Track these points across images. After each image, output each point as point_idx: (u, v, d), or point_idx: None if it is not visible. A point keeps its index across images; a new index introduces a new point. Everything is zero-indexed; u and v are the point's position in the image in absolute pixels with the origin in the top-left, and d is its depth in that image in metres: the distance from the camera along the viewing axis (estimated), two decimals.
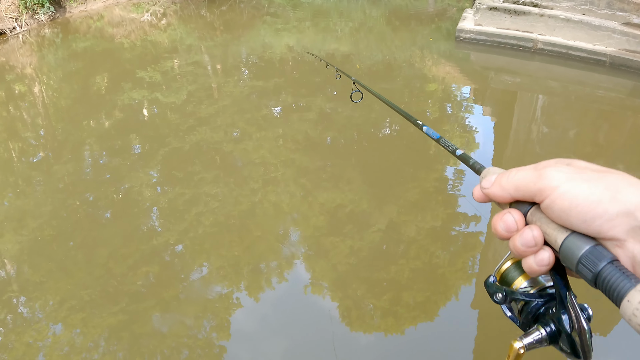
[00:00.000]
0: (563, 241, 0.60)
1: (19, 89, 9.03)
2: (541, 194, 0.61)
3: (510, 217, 0.65)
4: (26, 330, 3.91)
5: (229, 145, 6.18)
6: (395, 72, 8.26)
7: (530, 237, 0.62)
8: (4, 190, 5.85)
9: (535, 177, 0.62)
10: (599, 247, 0.57)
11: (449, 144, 1.01)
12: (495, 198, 0.69)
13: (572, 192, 0.58)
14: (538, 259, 0.63)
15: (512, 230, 0.65)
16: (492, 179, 0.69)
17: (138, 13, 12.72)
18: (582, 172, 0.60)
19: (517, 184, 0.65)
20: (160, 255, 4.54)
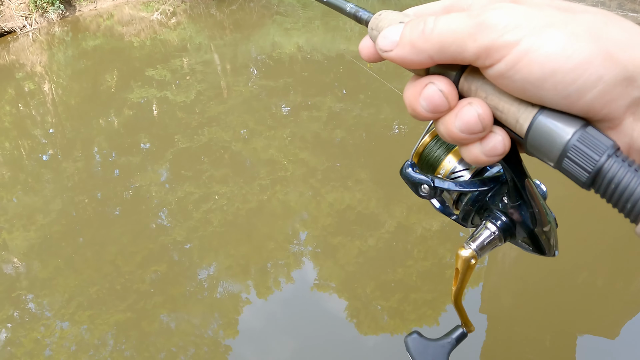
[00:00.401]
0: (532, 122, 0.39)
1: (29, 87, 9.06)
2: (488, 56, 0.39)
3: (435, 89, 0.43)
4: (34, 327, 3.93)
5: (238, 144, 6.18)
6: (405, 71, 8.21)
7: (474, 117, 0.41)
8: (14, 187, 5.88)
9: (473, 28, 0.39)
10: (590, 128, 0.38)
11: None
12: (404, 64, 0.44)
13: (542, 51, 0.37)
14: (488, 147, 0.42)
15: (442, 109, 0.43)
16: (394, 36, 0.44)
17: (148, 12, 12.74)
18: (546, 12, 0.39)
19: (441, 40, 0.41)
20: (169, 254, 4.54)
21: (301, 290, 4.16)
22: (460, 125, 0.42)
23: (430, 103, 0.43)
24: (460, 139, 0.43)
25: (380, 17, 0.49)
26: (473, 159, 0.43)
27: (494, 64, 0.38)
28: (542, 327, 3.47)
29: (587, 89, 0.36)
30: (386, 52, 0.45)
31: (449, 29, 0.40)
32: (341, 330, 3.74)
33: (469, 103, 0.42)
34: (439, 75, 0.44)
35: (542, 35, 0.37)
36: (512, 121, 0.41)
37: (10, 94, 8.85)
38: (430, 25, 0.41)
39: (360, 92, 7.57)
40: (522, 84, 0.38)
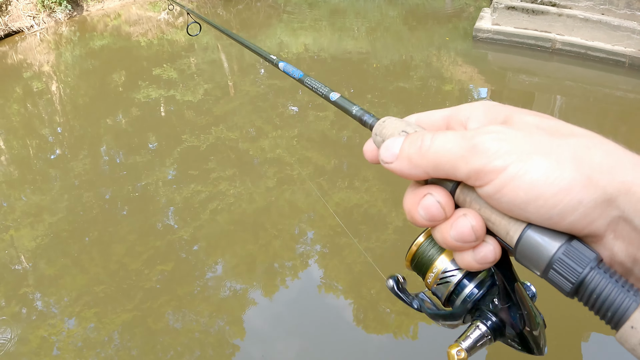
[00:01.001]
0: (520, 236, 0.43)
1: (37, 87, 9.09)
2: (478, 178, 0.42)
3: (433, 201, 0.46)
4: (41, 325, 3.94)
5: (245, 144, 6.18)
6: (412, 71, 8.23)
7: (467, 229, 0.45)
8: (22, 186, 5.90)
9: (466, 151, 0.43)
10: (575, 242, 0.41)
11: (317, 85, 0.72)
12: (404, 176, 0.48)
13: (527, 177, 0.40)
14: (480, 255, 0.46)
15: (438, 219, 0.46)
16: (395, 149, 0.48)
17: (155, 11, 12.77)
18: (534, 138, 0.42)
19: (436, 159, 0.45)
20: (176, 253, 4.55)
21: (307, 289, 4.15)
22: (455, 235, 0.45)
23: (428, 213, 0.47)
24: (454, 247, 0.46)
25: (384, 124, 0.53)
26: (465, 265, 0.47)
27: (484, 186, 0.42)
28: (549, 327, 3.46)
29: (569, 212, 0.40)
30: (387, 164, 0.49)
31: (444, 149, 0.44)
32: (347, 330, 3.73)
33: (463, 214, 0.45)
34: (437, 185, 0.47)
35: (528, 162, 0.40)
36: (502, 233, 0.44)
37: (18, 93, 8.87)
38: (427, 143, 0.45)
39: (367, 91, 7.56)
40: (508, 205, 0.42)
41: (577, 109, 6.95)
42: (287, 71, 0.84)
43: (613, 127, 6.51)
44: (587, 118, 6.67)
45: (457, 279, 0.56)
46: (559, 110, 6.81)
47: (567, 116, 6.65)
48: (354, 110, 0.61)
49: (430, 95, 7.41)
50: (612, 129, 6.42)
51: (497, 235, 0.45)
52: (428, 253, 0.58)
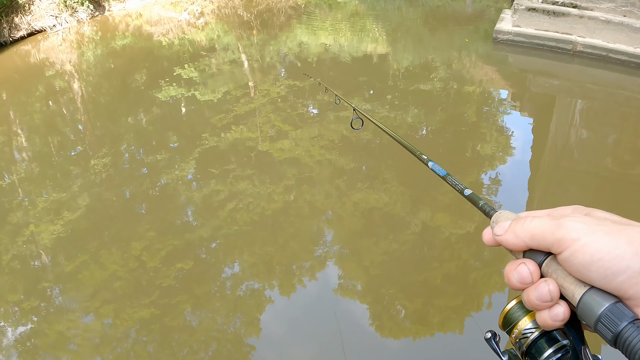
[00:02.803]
0: (581, 297, 0.57)
1: (59, 85, 9.16)
2: (559, 245, 0.58)
3: (525, 268, 0.62)
4: (59, 319, 3.96)
5: (264, 144, 6.19)
6: (432, 73, 8.19)
7: (546, 291, 0.60)
8: (43, 182, 5.94)
9: (553, 226, 0.60)
10: (619, 304, 0.55)
11: (456, 182, 0.91)
12: (508, 246, 0.66)
13: (593, 246, 0.55)
14: (553, 314, 0.60)
15: (527, 282, 0.62)
16: (505, 225, 0.67)
17: (176, 12, 12.83)
18: (603, 223, 0.58)
19: (533, 232, 0.62)
20: (194, 251, 4.55)
21: (324, 290, 4.13)
22: (536, 295, 0.60)
23: (520, 277, 0.63)
24: (535, 305, 0.61)
25: (501, 214, 0.71)
26: (542, 321, 0.62)
27: (562, 252, 0.58)
28: None
29: (619, 274, 0.54)
30: (498, 236, 0.67)
31: (539, 225, 0.62)
32: (363, 332, 3.71)
33: (544, 281, 0.61)
34: (530, 259, 0.63)
35: (594, 236, 0.56)
36: (570, 295, 0.59)
37: (40, 91, 8.95)
38: (528, 222, 0.63)
39: (387, 92, 7.54)
40: (577, 267, 0.57)
41: (598, 112, 6.88)
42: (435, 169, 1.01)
43: (634, 130, 6.44)
44: (608, 121, 6.60)
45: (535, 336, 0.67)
46: (580, 114, 6.73)
47: (588, 119, 6.58)
48: (480, 204, 0.79)
49: (451, 97, 7.37)
50: (634, 133, 6.34)
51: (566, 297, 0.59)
52: (515, 314, 0.70)
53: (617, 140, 6.17)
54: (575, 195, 5.04)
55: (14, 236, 4.93)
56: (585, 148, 5.96)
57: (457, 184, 0.90)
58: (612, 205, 4.81)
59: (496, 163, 5.67)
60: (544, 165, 5.66)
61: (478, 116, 6.84)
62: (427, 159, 1.06)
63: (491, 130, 6.46)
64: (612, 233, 0.56)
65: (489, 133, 6.37)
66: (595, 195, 5.03)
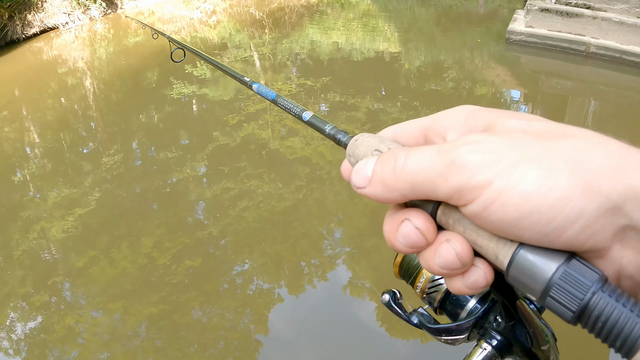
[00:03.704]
0: (511, 260, 0.37)
1: (71, 82, 9.20)
2: (460, 197, 0.37)
3: (411, 227, 0.41)
4: (68, 314, 3.97)
5: (275, 142, 6.18)
6: (444, 73, 8.15)
7: (451, 256, 0.39)
8: (54, 178, 5.97)
9: (443, 167, 0.37)
10: (574, 262, 0.35)
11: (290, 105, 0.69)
12: (379, 201, 0.42)
13: (516, 190, 0.34)
14: (470, 281, 0.40)
15: (419, 245, 0.41)
16: (367, 170, 0.43)
17: (188, 10, 12.86)
18: (521, 144, 0.36)
19: (412, 180, 0.39)
20: (204, 248, 4.55)
21: (334, 290, 4.12)
22: (440, 263, 0.40)
23: (407, 240, 0.41)
24: (441, 274, 0.41)
25: (357, 142, 0.48)
26: (456, 291, 0.41)
27: (467, 205, 0.37)
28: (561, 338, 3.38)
29: (568, 226, 0.34)
30: (359, 189, 0.43)
31: (419, 167, 0.39)
32: (372, 333, 3.69)
33: (447, 240, 0.40)
34: (416, 209, 0.42)
35: (516, 172, 0.35)
36: (492, 256, 0.38)
37: (52, 88, 8.99)
38: (400, 162, 0.40)
39: (399, 92, 7.51)
40: (497, 224, 0.36)
41: (611, 114, 6.82)
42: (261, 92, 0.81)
43: None
44: (621, 123, 6.54)
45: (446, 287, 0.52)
46: (593, 115, 6.69)
47: (600, 121, 6.53)
48: (327, 129, 0.58)
49: (463, 97, 7.32)
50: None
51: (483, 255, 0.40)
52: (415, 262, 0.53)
53: (631, 142, 6.06)
54: None
55: (25, 232, 4.94)
56: None
57: (293, 107, 0.69)
58: None
59: None
60: None
61: None
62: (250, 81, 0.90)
63: None
64: (542, 159, 0.35)
65: None
66: None
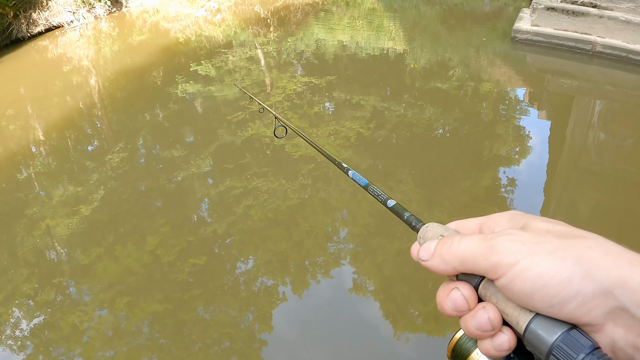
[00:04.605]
0: (527, 325, 0.50)
1: (76, 80, 9.21)
2: (495, 272, 0.51)
3: (459, 294, 0.55)
4: (73, 312, 3.98)
5: (280, 140, 6.18)
6: (449, 71, 8.14)
7: (485, 320, 0.53)
8: (59, 176, 5.98)
9: (485, 250, 0.52)
10: (574, 331, 0.47)
11: (378, 192, 0.84)
12: (437, 272, 0.58)
13: (533, 271, 0.48)
14: (496, 344, 0.53)
15: (463, 310, 0.55)
16: (431, 249, 0.58)
17: (193, 8, 12.87)
18: (543, 239, 0.51)
19: (462, 257, 0.55)
20: (209, 246, 4.56)
21: (338, 288, 4.12)
22: (475, 325, 0.53)
23: (454, 304, 0.56)
24: (475, 335, 0.54)
25: (427, 228, 0.64)
26: (486, 352, 0.54)
27: (499, 278, 0.51)
28: None
29: (568, 301, 0.47)
30: (423, 262, 0.59)
31: (468, 248, 0.54)
32: (375, 331, 3.69)
33: (483, 307, 0.53)
34: (464, 282, 0.56)
35: (535, 258, 0.49)
36: (514, 323, 0.52)
37: (58, 86, 9.01)
38: (455, 244, 0.56)
39: (404, 91, 7.51)
40: (518, 295, 0.50)
41: (617, 114, 6.80)
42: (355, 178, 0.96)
43: None
44: (627, 123, 6.52)
45: None
46: (598, 115, 6.66)
47: (606, 120, 6.50)
48: (406, 216, 0.72)
49: (468, 96, 7.32)
50: None
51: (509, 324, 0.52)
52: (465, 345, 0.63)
53: (636, 142, 6.09)
54: (593, 197, 4.99)
55: (30, 229, 4.95)
56: (604, 150, 5.89)
57: (380, 194, 0.83)
58: (630, 208, 4.76)
59: (512, 163, 5.62)
60: (561, 166, 5.60)
61: (495, 116, 6.79)
62: (347, 168, 1.02)
63: (508, 130, 6.41)
64: (555, 252, 0.49)
65: (506, 133, 6.32)
66: (613, 197, 4.97)
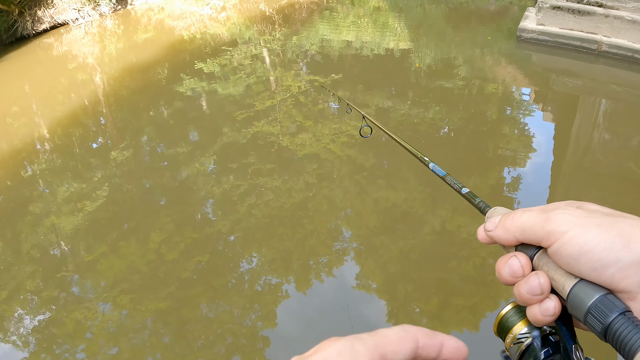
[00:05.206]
0: (571, 289, 0.55)
1: (81, 78, 9.23)
2: (548, 238, 0.57)
3: (516, 261, 0.61)
4: (77, 308, 3.99)
5: (285, 139, 6.18)
6: (454, 70, 8.12)
7: (536, 284, 0.58)
8: (64, 173, 5.99)
9: (543, 220, 0.58)
10: (610, 296, 0.53)
11: (454, 181, 0.94)
12: (499, 241, 0.65)
13: (581, 238, 0.54)
14: (543, 308, 0.58)
15: (518, 275, 0.61)
16: (496, 221, 0.65)
17: (198, 6, 12.87)
18: (593, 215, 0.56)
19: (522, 226, 0.61)
20: (212, 244, 4.56)
21: (341, 287, 4.12)
22: (527, 289, 0.59)
23: (511, 270, 0.61)
24: (525, 299, 0.59)
25: (494, 210, 0.75)
26: (533, 317, 0.60)
27: (552, 245, 0.57)
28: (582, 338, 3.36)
29: (609, 266, 0.52)
30: (489, 231, 0.66)
31: (528, 219, 0.61)
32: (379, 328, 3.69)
33: (535, 274, 0.59)
34: (521, 252, 0.62)
35: (583, 228, 0.55)
36: (560, 288, 0.57)
37: (62, 84, 9.03)
38: (518, 215, 0.62)
39: (409, 90, 7.50)
40: (566, 259, 0.55)
41: (622, 113, 6.78)
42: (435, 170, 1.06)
43: None
44: (631, 122, 6.50)
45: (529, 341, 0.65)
46: (603, 115, 6.64)
47: (611, 120, 6.49)
48: (477, 201, 0.84)
49: (472, 95, 7.30)
50: None
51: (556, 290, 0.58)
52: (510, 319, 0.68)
53: None
54: (597, 197, 4.97)
55: (34, 226, 4.97)
56: (608, 150, 5.87)
57: (456, 183, 0.93)
58: (635, 208, 4.75)
59: (517, 163, 5.61)
60: (566, 166, 5.59)
61: (499, 115, 6.78)
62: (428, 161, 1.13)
63: (513, 129, 6.39)
64: (602, 225, 0.54)
65: (511, 133, 6.30)
66: (618, 197, 4.96)
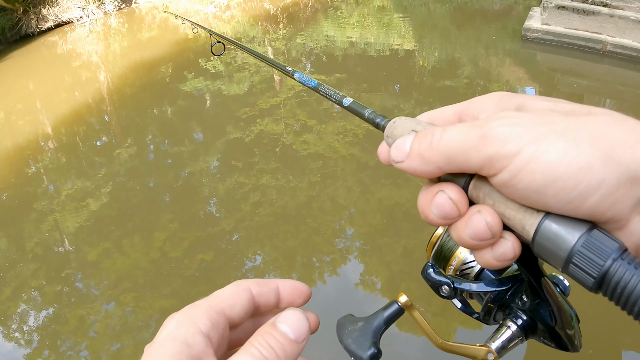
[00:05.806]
0: (537, 229, 0.39)
1: (85, 76, 9.23)
2: (491, 166, 0.39)
3: (445, 197, 0.43)
4: (80, 306, 3.98)
5: (289, 137, 6.16)
6: (458, 70, 8.10)
7: (482, 226, 0.42)
8: (68, 171, 5.99)
9: (477, 140, 0.40)
10: (595, 232, 0.37)
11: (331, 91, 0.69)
12: (415, 174, 0.45)
13: (543, 159, 0.37)
14: (498, 253, 0.42)
15: (452, 216, 0.44)
16: (406, 147, 0.45)
17: (202, 4, 12.87)
18: (549, 120, 0.39)
19: (447, 152, 0.42)
20: (216, 243, 4.55)
21: (345, 286, 4.11)
22: (471, 233, 0.42)
23: (441, 211, 0.44)
24: (471, 245, 0.43)
25: (395, 124, 0.51)
26: (485, 264, 0.44)
27: (498, 174, 0.39)
28: (586, 339, 3.34)
29: (590, 194, 0.36)
30: (398, 163, 0.46)
31: (454, 140, 0.41)
32: None
33: (478, 211, 0.42)
34: (449, 182, 0.44)
35: (542, 143, 0.37)
36: (519, 227, 0.41)
37: (67, 82, 9.03)
38: (437, 137, 0.43)
39: (413, 89, 7.48)
40: (525, 192, 0.38)
41: (626, 113, 6.58)
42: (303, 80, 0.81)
43: None
44: None
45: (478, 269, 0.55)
46: None
47: None
48: (367, 114, 0.59)
49: (477, 94, 7.26)
50: None
51: (514, 230, 0.42)
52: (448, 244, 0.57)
53: None
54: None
55: (38, 224, 4.97)
56: None
57: (334, 94, 0.68)
58: None
59: None
60: None
61: None
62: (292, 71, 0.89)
63: None
64: (567, 132, 0.37)
65: None
66: None
